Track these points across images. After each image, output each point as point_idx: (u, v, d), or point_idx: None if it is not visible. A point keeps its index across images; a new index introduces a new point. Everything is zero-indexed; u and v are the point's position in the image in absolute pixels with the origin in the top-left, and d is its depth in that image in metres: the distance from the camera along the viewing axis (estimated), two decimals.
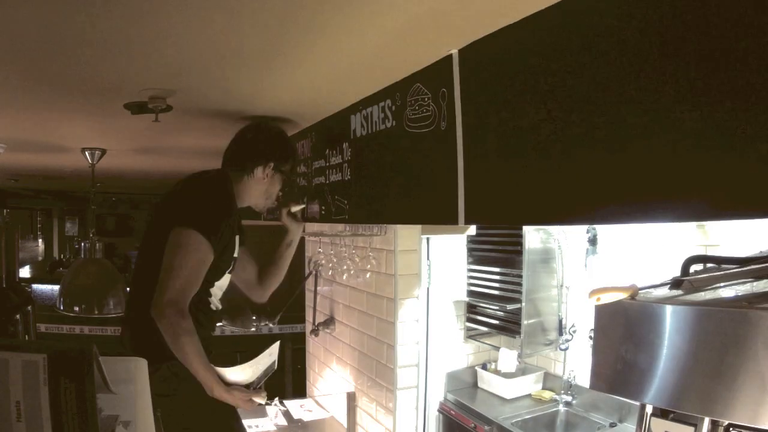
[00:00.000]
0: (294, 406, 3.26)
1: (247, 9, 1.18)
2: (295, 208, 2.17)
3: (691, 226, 2.12)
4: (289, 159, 2.03)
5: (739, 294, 1.20)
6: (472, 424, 2.68)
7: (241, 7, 1.17)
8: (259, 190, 1.98)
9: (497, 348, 3.14)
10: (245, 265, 2.12)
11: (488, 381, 3.04)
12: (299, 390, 4.21)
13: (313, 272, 3.43)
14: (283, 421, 3.01)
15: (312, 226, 3.27)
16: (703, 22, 0.88)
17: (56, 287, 4.73)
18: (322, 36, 1.35)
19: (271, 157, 1.96)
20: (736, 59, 0.83)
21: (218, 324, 2.15)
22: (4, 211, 7.61)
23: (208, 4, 1.15)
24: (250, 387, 1.70)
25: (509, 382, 2.92)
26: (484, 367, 3.13)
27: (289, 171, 2.06)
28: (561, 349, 2.86)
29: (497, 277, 3.01)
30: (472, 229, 2.81)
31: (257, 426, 2.90)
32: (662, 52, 0.94)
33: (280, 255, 2.19)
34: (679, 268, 1.40)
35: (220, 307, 1.93)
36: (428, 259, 2.84)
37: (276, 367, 1.79)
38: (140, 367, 1.18)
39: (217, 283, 1.86)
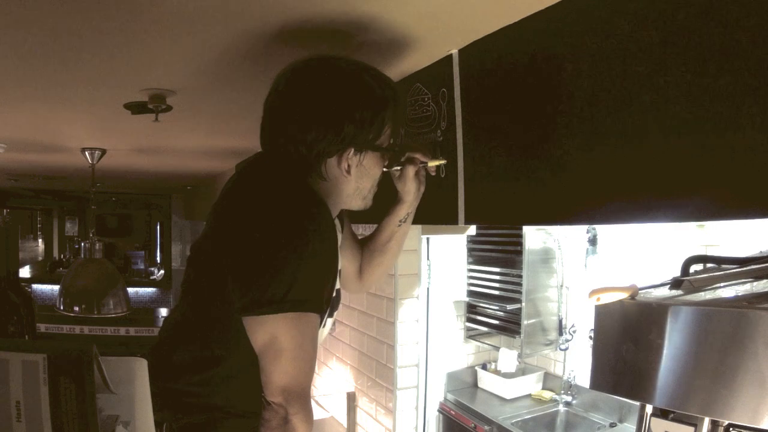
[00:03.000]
0: None
1: None
2: (434, 163, 1.35)
3: (691, 226, 2.12)
4: (384, 120, 1.16)
5: (739, 294, 1.20)
6: (472, 424, 2.69)
7: None
8: (342, 191, 1.20)
9: (497, 348, 3.14)
10: (351, 257, 1.46)
11: (488, 381, 3.04)
12: None
13: None
14: None
15: None
16: (704, 21, 0.88)
17: (56, 287, 4.74)
18: None
19: (342, 137, 1.11)
20: (737, 58, 0.83)
21: None
22: (4, 211, 7.61)
23: None
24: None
25: (509, 382, 2.92)
26: (484, 367, 3.13)
27: (392, 133, 1.22)
28: (561, 349, 2.86)
29: (497, 277, 3.01)
30: (472, 229, 2.81)
31: None
32: (664, 51, 0.94)
33: (390, 236, 1.43)
34: (679, 268, 1.40)
35: None
36: (428, 259, 2.84)
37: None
38: (140, 367, 1.18)
39: None
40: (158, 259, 9.78)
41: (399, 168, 1.32)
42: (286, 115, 1.14)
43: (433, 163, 1.35)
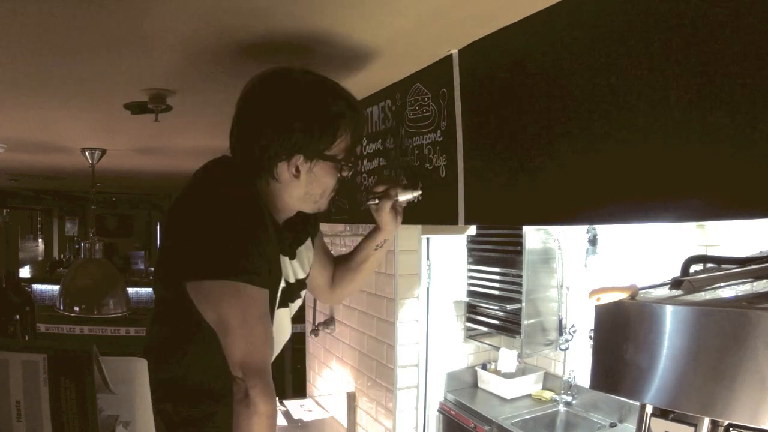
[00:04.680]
0: (294, 406, 3.25)
1: None
2: (405, 197, 1.44)
3: (691, 226, 2.12)
4: (336, 132, 1.22)
5: (739, 294, 1.20)
6: (472, 424, 2.68)
7: None
8: (292, 194, 1.26)
9: (497, 348, 3.13)
10: (321, 268, 1.55)
11: (488, 381, 3.04)
12: (299, 390, 4.21)
13: None
14: (283, 421, 3.01)
15: None
16: (703, 24, 0.88)
17: (56, 287, 4.74)
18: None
19: (292, 143, 1.19)
20: (736, 60, 0.83)
21: None
22: (4, 211, 7.61)
23: None
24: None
25: (509, 382, 2.91)
26: (484, 367, 3.13)
27: (349, 149, 1.27)
28: (561, 349, 2.86)
29: (497, 277, 3.01)
30: (472, 229, 2.81)
31: None
32: (664, 53, 0.94)
33: (365, 258, 1.54)
34: (679, 268, 1.40)
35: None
36: (428, 259, 2.83)
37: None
38: (140, 367, 1.18)
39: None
40: None
41: (377, 202, 1.44)
42: (245, 118, 1.25)
43: (405, 197, 1.44)
